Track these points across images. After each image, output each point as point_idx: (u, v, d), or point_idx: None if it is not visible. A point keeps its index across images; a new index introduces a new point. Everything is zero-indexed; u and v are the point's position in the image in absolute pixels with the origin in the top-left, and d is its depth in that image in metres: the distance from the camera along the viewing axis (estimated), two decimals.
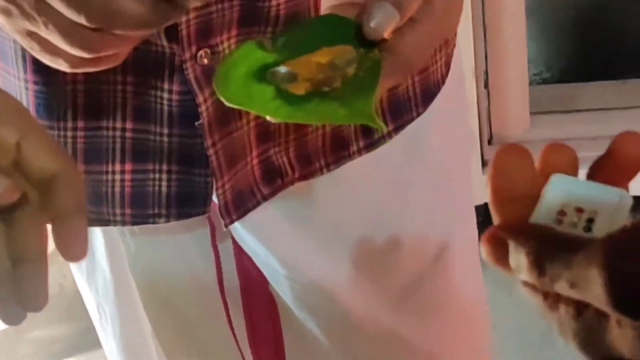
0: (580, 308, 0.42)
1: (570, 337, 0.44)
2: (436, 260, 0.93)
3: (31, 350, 2.01)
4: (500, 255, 0.45)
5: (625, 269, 0.39)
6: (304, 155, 0.80)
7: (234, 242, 0.87)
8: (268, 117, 0.60)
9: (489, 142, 2.09)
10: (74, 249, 0.52)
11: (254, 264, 0.88)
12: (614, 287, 0.39)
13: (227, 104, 0.60)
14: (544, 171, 0.49)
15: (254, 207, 0.80)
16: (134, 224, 0.80)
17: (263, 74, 0.61)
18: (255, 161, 0.78)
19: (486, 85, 2.11)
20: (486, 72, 2.09)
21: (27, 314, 0.52)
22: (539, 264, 0.42)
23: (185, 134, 0.74)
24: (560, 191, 0.47)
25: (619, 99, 2.28)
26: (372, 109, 0.59)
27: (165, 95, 0.73)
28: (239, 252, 0.88)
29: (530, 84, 2.26)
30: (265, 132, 0.77)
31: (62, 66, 0.62)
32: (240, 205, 0.79)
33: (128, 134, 0.75)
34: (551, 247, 0.43)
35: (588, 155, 0.50)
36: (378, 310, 0.91)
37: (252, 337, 0.93)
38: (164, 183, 0.77)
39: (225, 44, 0.72)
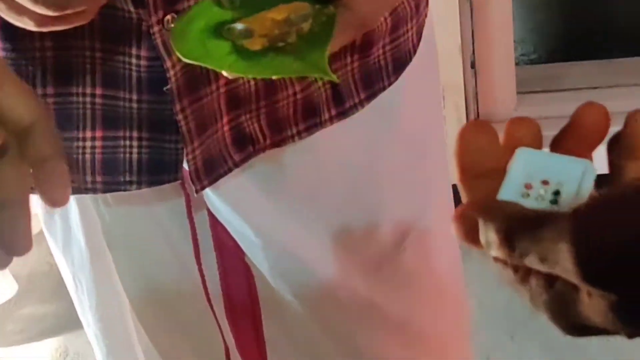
0: (550, 280, 0.43)
1: (542, 309, 0.44)
2: (411, 229, 0.93)
3: (19, 327, 2.01)
4: (471, 232, 0.45)
5: (592, 242, 0.39)
6: (275, 122, 0.80)
7: (209, 213, 0.87)
8: (224, 72, 0.61)
9: None
10: (55, 193, 0.53)
11: (230, 235, 0.88)
12: (582, 261, 0.39)
13: (183, 59, 0.61)
14: (508, 146, 0.49)
15: (225, 173, 0.79)
16: (105, 191, 0.79)
17: (220, 30, 0.61)
18: (226, 127, 0.78)
19: (473, 66, 2.12)
20: (473, 53, 2.10)
21: (12, 259, 0.52)
22: (508, 241, 0.43)
23: (155, 100, 0.74)
24: (526, 164, 0.47)
25: (605, 78, 2.29)
26: (325, 61, 0.59)
27: (134, 61, 0.73)
28: (215, 223, 0.88)
29: (518, 64, 2.27)
30: (236, 98, 0.77)
31: (28, 25, 0.62)
32: (211, 171, 0.78)
33: (98, 100, 0.75)
34: (519, 223, 0.43)
35: None
36: (353, 279, 0.91)
37: (229, 308, 0.94)
38: (135, 150, 0.76)
39: None
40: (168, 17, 0.70)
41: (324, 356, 0.96)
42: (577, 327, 0.43)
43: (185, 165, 0.78)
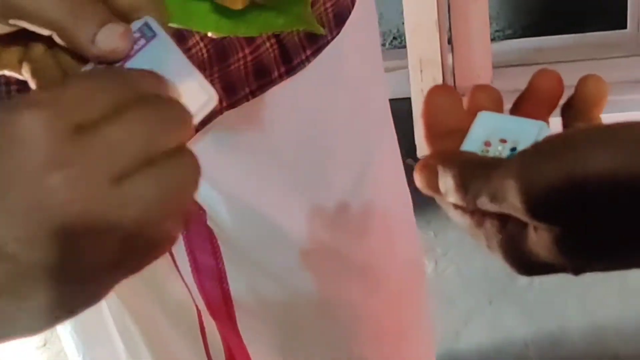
0: (503, 221, 0.45)
1: (497, 250, 0.46)
2: (363, 174, 0.96)
3: None
4: (432, 181, 0.48)
5: (536, 177, 0.41)
6: (229, 85, 0.81)
7: None
8: (210, 33, 0.61)
9: None
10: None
11: None
12: (527, 196, 0.41)
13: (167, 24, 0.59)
14: (471, 110, 0.51)
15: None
16: None
17: None
18: None
19: (450, 41, 2.15)
20: (450, 29, 2.13)
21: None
22: (463, 184, 0.45)
23: None
24: (486, 125, 0.50)
25: (578, 52, 2.33)
26: (309, 13, 0.60)
27: None
28: None
29: (493, 40, 2.29)
30: None
31: None
32: None
33: None
34: (474, 167, 0.45)
35: None
36: (315, 228, 0.94)
37: (196, 271, 0.96)
38: None
39: None
40: None
41: (290, 309, 0.99)
42: (528, 265, 0.45)
43: None
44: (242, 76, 0.82)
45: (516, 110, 0.52)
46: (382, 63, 1.04)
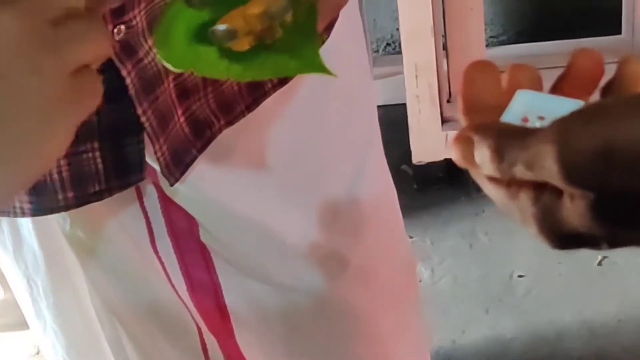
0: (538, 192, 0.46)
1: (531, 222, 0.47)
2: (355, 180, 0.98)
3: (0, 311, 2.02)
4: (468, 154, 0.48)
5: (574, 142, 0.42)
6: (224, 103, 0.82)
7: (161, 198, 0.89)
8: (221, 78, 0.61)
9: (448, 101, 2.13)
10: None
11: (183, 216, 0.90)
12: (564, 160, 0.42)
13: (174, 69, 0.59)
14: (510, 88, 0.52)
15: (192, 161, 0.81)
16: (77, 205, 0.79)
17: (203, 34, 0.59)
18: (182, 119, 0.79)
19: (445, 47, 2.14)
20: (444, 35, 2.13)
21: None
22: (499, 152, 0.45)
23: (113, 109, 0.74)
24: (525, 103, 0.50)
25: None
26: (320, 58, 0.60)
27: None
28: (167, 208, 0.90)
29: (488, 46, 2.29)
30: (185, 90, 0.78)
31: None
32: (179, 162, 0.80)
33: None
34: (511, 136, 0.45)
35: None
36: (312, 232, 0.96)
37: (191, 288, 0.96)
38: (99, 160, 0.77)
39: (138, 18, 0.71)
40: (116, 29, 0.70)
41: (288, 314, 1.00)
42: (562, 237, 0.46)
43: (150, 162, 0.80)
44: (236, 92, 0.82)
45: (555, 91, 0.52)
46: (371, 70, 1.05)
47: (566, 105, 0.47)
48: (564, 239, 0.46)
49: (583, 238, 0.45)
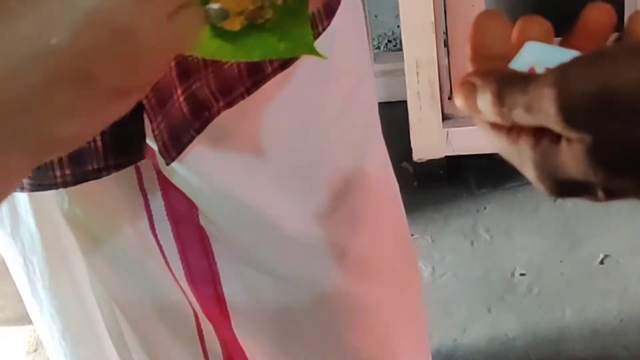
0: (537, 138, 0.47)
1: (530, 167, 0.47)
2: (355, 170, 0.98)
3: (1, 303, 2.02)
4: (471, 99, 0.48)
5: (573, 85, 0.43)
6: (224, 84, 0.82)
7: (161, 180, 0.89)
8: (212, 58, 0.60)
9: (449, 98, 2.12)
10: None
11: (183, 200, 0.90)
12: (562, 103, 0.43)
13: None
14: (520, 41, 0.52)
15: (189, 141, 0.81)
16: (75, 183, 0.80)
17: None
18: (181, 98, 0.79)
19: (446, 44, 2.14)
20: (446, 32, 2.12)
21: None
22: (500, 97, 0.46)
23: None
24: (533, 54, 0.50)
25: None
26: (311, 39, 0.60)
27: None
28: (167, 191, 0.90)
29: None
30: (186, 70, 0.78)
31: None
32: (177, 142, 0.80)
33: None
34: (513, 81, 0.46)
35: None
36: (311, 221, 0.95)
37: (189, 273, 0.96)
38: (98, 137, 0.77)
39: None
40: None
41: (286, 304, 1.00)
42: (559, 184, 0.47)
43: (150, 143, 0.79)
44: (236, 74, 0.82)
45: (565, 44, 0.52)
46: (372, 63, 1.04)
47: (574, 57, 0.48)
48: (561, 185, 0.47)
49: (580, 185, 0.46)
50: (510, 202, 2.10)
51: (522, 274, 1.96)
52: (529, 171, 0.48)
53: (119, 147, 0.78)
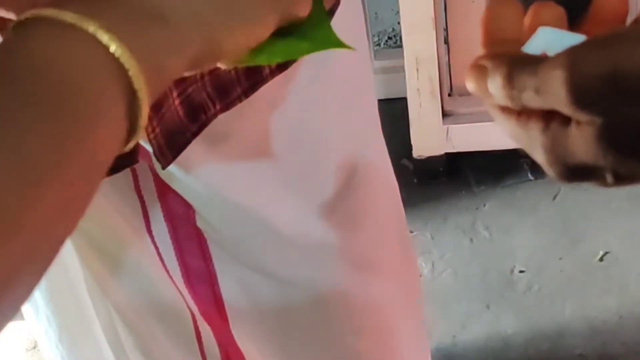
0: (547, 121, 0.47)
1: (540, 151, 0.48)
2: (356, 170, 0.97)
3: None
4: (481, 82, 0.49)
5: (583, 67, 0.43)
6: (220, 87, 0.81)
7: (157, 182, 0.88)
8: (229, 66, 0.59)
9: (449, 95, 2.12)
10: None
11: (179, 202, 0.90)
12: (572, 85, 0.43)
13: None
14: (533, 26, 0.52)
15: (186, 144, 0.81)
16: None
17: None
18: (177, 101, 0.78)
19: (446, 41, 2.13)
20: (446, 29, 2.12)
21: None
22: (510, 79, 0.46)
23: None
24: (546, 39, 0.50)
25: None
26: (333, 33, 0.60)
27: None
28: (163, 193, 0.89)
29: None
30: None
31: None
32: (173, 145, 0.80)
33: None
34: (523, 63, 0.46)
35: None
36: (309, 222, 0.95)
37: (186, 275, 0.96)
38: None
39: None
40: None
41: (285, 306, 0.99)
42: (569, 168, 0.47)
43: (145, 145, 0.79)
44: (233, 76, 0.81)
45: (578, 31, 0.52)
46: (371, 61, 1.03)
47: None
48: (571, 169, 0.47)
49: (589, 170, 0.46)
50: (509, 199, 2.10)
51: (521, 271, 1.96)
52: (538, 155, 0.48)
53: None
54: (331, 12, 0.87)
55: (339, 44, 0.60)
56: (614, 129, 0.44)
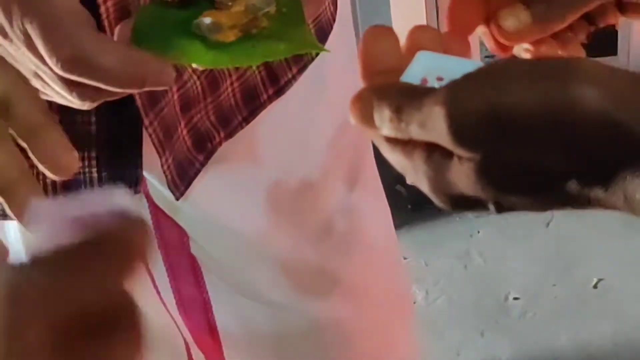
0: (430, 151, 0.47)
1: (424, 181, 0.48)
2: (348, 194, 0.97)
3: None
4: (366, 114, 0.49)
5: (462, 104, 0.43)
6: (222, 115, 0.81)
7: (152, 208, 0.88)
8: (210, 67, 0.60)
9: None
10: (61, 160, 0.56)
11: (173, 226, 0.90)
12: (453, 122, 0.43)
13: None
14: (411, 50, 0.52)
15: (196, 175, 0.81)
16: None
17: (187, 27, 0.59)
18: (184, 131, 0.79)
19: None
20: (437, 27, 2.12)
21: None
22: (398, 112, 0.46)
23: (114, 120, 0.74)
24: (425, 64, 0.50)
25: None
26: (311, 35, 0.60)
27: None
28: (158, 221, 0.89)
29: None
30: (187, 102, 0.78)
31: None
32: (184, 176, 0.80)
33: None
34: (410, 95, 0.47)
35: None
36: (302, 249, 0.95)
37: (181, 302, 0.96)
38: (94, 169, 0.77)
39: None
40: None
41: (279, 332, 0.99)
42: (451, 198, 0.47)
43: (145, 175, 0.79)
44: (233, 104, 0.82)
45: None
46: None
47: (465, 66, 0.48)
48: (454, 199, 0.47)
49: (472, 200, 0.46)
50: (503, 226, 2.10)
51: (515, 298, 1.95)
52: (423, 185, 0.48)
53: (114, 178, 0.77)
54: (324, 36, 0.87)
55: (315, 46, 0.60)
56: (494, 166, 0.44)
